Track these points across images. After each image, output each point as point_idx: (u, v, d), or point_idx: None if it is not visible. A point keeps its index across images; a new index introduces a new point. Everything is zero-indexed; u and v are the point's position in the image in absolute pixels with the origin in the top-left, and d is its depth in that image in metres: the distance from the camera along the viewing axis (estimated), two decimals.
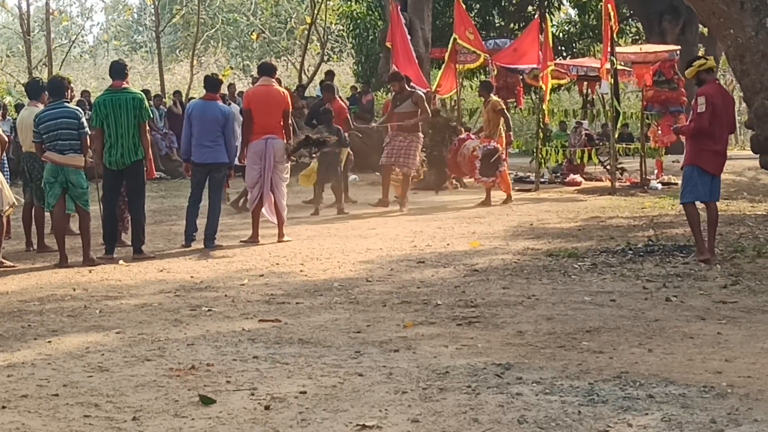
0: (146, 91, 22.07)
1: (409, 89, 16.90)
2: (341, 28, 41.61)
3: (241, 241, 12.75)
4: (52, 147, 11.18)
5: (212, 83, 13.09)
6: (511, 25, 35.53)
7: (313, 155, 16.34)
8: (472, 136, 18.86)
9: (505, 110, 17.94)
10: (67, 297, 9.18)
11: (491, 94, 17.94)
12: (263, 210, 12.84)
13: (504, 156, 17.59)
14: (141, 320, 8.00)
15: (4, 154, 12.57)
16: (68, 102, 11.53)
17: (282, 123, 12.78)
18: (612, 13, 19.49)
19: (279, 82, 14.33)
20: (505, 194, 17.58)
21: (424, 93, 17.94)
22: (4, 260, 11.36)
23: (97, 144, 11.72)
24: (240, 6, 52.91)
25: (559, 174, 22.72)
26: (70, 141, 11.18)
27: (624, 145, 21.67)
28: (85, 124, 11.37)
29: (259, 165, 12.66)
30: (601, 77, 19.93)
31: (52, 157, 11.18)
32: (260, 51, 54.46)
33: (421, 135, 16.80)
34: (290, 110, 13.08)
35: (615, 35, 20.41)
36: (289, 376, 6.10)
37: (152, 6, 39.75)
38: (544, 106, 20.74)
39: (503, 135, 17.65)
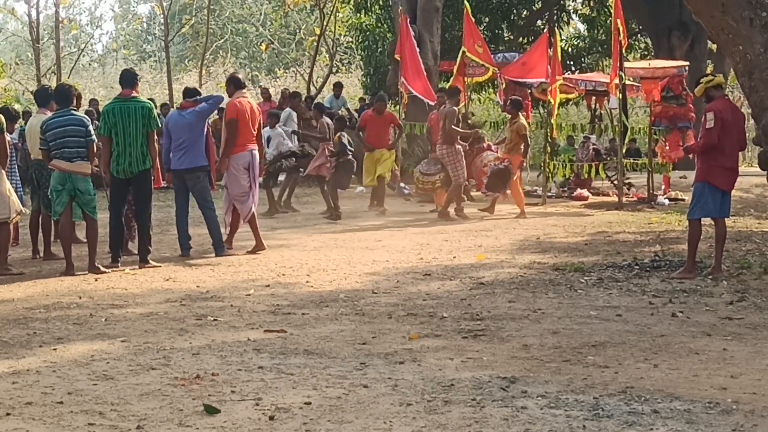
0: (151, 100, 22.11)
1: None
2: (350, 39, 41.63)
3: (247, 252, 12.75)
4: (59, 155, 11.20)
5: (187, 93, 13.38)
6: (520, 39, 35.52)
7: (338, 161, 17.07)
8: (494, 148, 18.91)
9: (528, 137, 17.94)
10: (72, 305, 9.19)
11: (520, 114, 17.90)
12: (224, 216, 13.00)
13: (517, 175, 17.68)
14: (146, 329, 8.01)
15: (14, 161, 12.60)
16: (75, 109, 11.56)
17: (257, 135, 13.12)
18: (621, 29, 19.46)
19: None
20: (519, 209, 17.58)
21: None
22: (10, 267, 11.39)
23: (104, 152, 11.74)
24: (249, 17, 53.03)
25: (566, 188, 22.70)
26: (77, 149, 11.21)
27: (631, 161, 21.66)
28: (92, 131, 11.41)
29: (247, 176, 12.78)
30: (610, 92, 19.93)
31: (60, 164, 11.20)
32: (269, 62, 54.56)
33: (457, 146, 17.30)
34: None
35: (624, 50, 20.38)
36: (294, 387, 6.09)
37: (162, 15, 39.85)
38: (552, 121, 20.73)
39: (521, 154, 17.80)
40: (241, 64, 55.20)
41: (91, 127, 11.40)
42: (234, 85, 13.36)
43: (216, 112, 24.45)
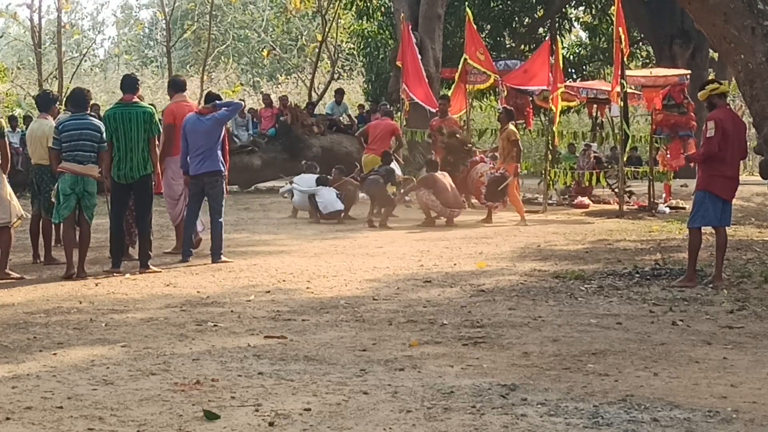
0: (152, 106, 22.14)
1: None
2: (352, 46, 41.73)
3: (165, 252, 13.00)
4: (71, 157, 11.20)
5: (209, 98, 13.31)
6: (522, 46, 35.61)
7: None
8: (486, 159, 18.93)
9: (519, 142, 18.06)
10: (73, 310, 9.18)
11: (510, 123, 17.99)
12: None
13: (515, 183, 17.81)
14: (146, 334, 8.00)
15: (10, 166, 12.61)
16: (92, 115, 11.60)
17: None
18: (623, 37, 19.50)
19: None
20: (519, 216, 17.60)
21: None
22: (10, 272, 11.37)
23: (106, 157, 11.72)
24: (251, 23, 53.12)
25: (567, 196, 22.71)
26: (91, 153, 11.25)
27: (632, 169, 21.67)
28: (105, 138, 11.42)
29: (182, 182, 12.77)
30: (611, 100, 19.94)
31: (72, 167, 11.19)
32: (271, 68, 54.66)
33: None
34: None
35: (625, 59, 20.40)
36: (293, 393, 6.09)
37: (164, 21, 39.89)
38: (554, 128, 20.75)
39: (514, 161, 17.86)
40: (242, 70, 55.35)
41: (104, 135, 11.41)
42: (174, 88, 13.37)
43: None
